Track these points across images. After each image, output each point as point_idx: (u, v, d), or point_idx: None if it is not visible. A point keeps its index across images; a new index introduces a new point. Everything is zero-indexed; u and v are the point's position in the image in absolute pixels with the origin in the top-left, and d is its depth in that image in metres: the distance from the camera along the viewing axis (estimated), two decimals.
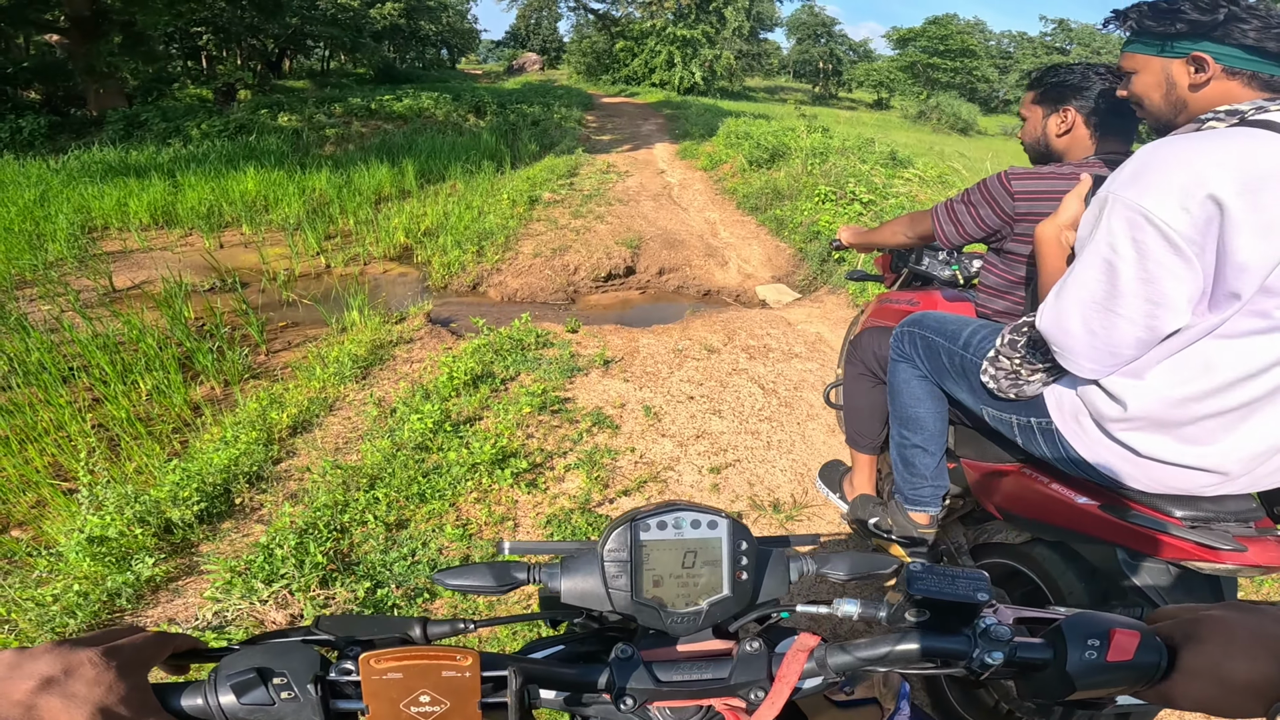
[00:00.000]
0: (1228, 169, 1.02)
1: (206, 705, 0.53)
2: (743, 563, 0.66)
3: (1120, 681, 0.57)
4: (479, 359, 3.64)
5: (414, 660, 0.51)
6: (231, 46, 24.49)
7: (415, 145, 10.92)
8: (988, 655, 0.59)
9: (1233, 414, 1.14)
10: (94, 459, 2.74)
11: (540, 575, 0.68)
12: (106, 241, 6.31)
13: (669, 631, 0.67)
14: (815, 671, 0.64)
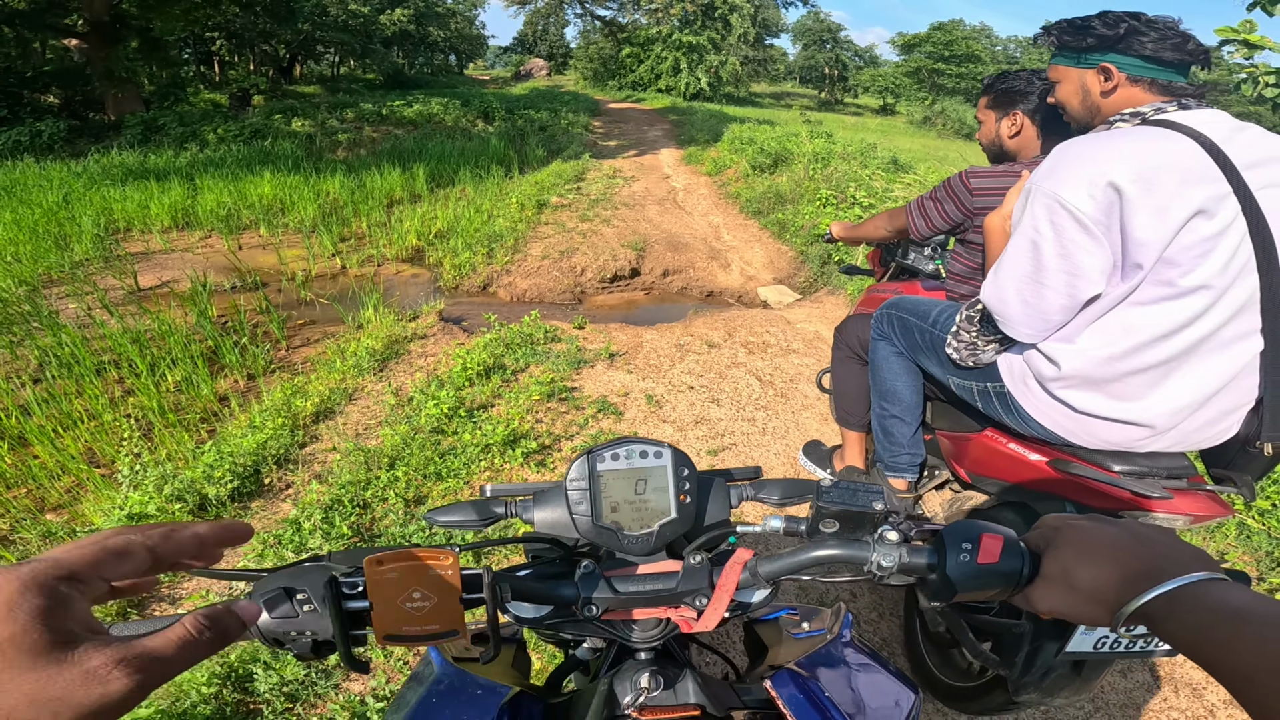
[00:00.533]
0: (1126, 161, 1.22)
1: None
2: (685, 487, 0.78)
3: (993, 584, 0.64)
4: (490, 352, 3.82)
5: (407, 561, 0.60)
6: (244, 52, 24.88)
7: (425, 150, 11.13)
8: (883, 559, 0.67)
9: (1153, 371, 1.31)
10: (131, 443, 2.92)
11: (516, 510, 0.81)
12: (129, 243, 6.52)
13: (626, 552, 0.78)
14: (750, 582, 0.74)
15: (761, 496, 0.84)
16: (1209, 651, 0.48)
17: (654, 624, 0.78)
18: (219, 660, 1.91)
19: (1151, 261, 1.23)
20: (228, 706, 1.79)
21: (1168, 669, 2.30)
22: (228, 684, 1.84)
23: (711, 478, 0.84)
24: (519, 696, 0.73)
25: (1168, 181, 1.20)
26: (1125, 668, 2.29)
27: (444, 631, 0.62)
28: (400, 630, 0.61)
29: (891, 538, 0.69)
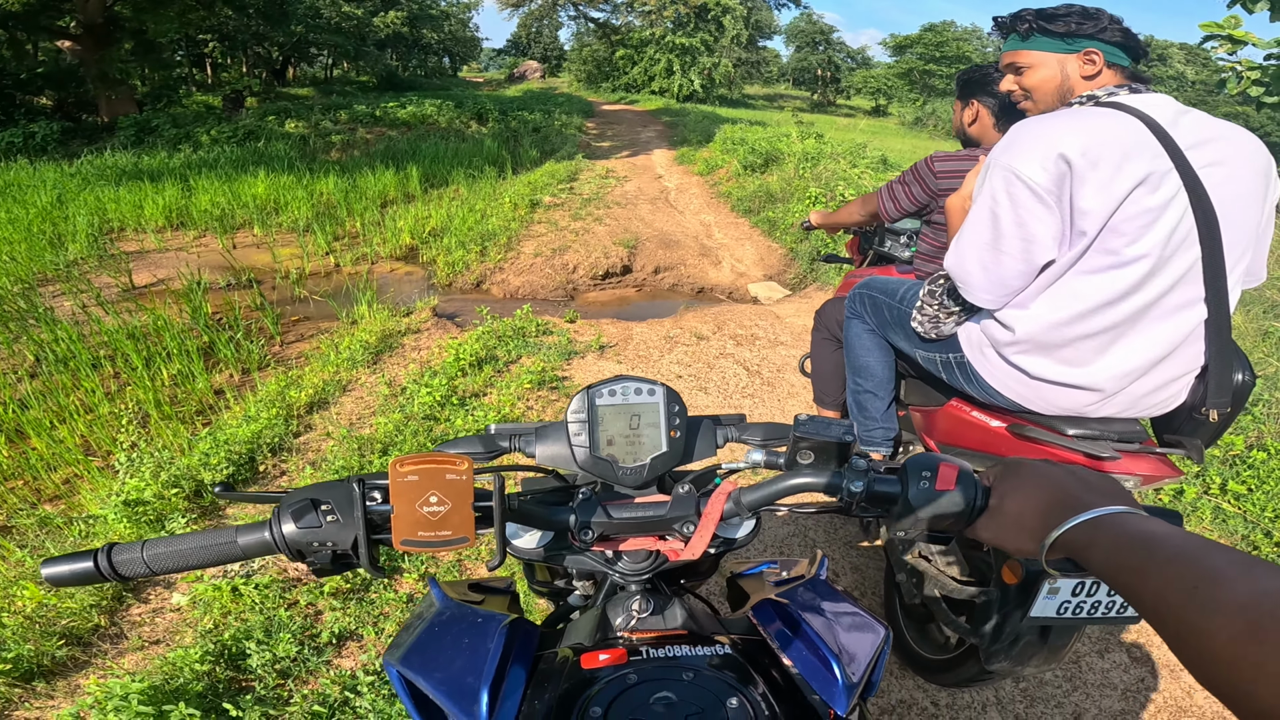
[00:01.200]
0: (1075, 136, 1.31)
1: (269, 538, 0.67)
2: (676, 423, 0.83)
3: (949, 510, 0.70)
4: (483, 344, 3.89)
5: (427, 464, 0.64)
6: (237, 54, 24.88)
7: (419, 151, 11.18)
8: (852, 485, 0.73)
9: (1100, 337, 1.40)
10: (129, 434, 2.98)
11: (519, 444, 0.86)
12: (124, 242, 6.56)
13: (621, 483, 0.83)
14: (734, 511, 0.79)
15: (745, 438, 0.90)
16: (1125, 578, 0.51)
17: (644, 556, 0.83)
18: (210, 638, 1.97)
19: (1096, 230, 1.32)
20: (220, 683, 1.84)
21: (1144, 650, 2.37)
22: (220, 661, 1.90)
23: (700, 420, 0.89)
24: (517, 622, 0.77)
25: (1112, 156, 1.29)
26: (1102, 648, 2.36)
27: (456, 538, 0.66)
28: (416, 535, 0.65)
29: (860, 465, 0.75)
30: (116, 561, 0.67)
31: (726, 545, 0.87)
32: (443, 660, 0.69)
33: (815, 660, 0.71)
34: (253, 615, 2.07)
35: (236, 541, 0.68)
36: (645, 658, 0.70)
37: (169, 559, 0.68)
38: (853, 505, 0.76)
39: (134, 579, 0.69)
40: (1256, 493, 2.97)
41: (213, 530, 0.69)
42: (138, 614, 2.17)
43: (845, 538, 2.78)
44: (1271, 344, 4.13)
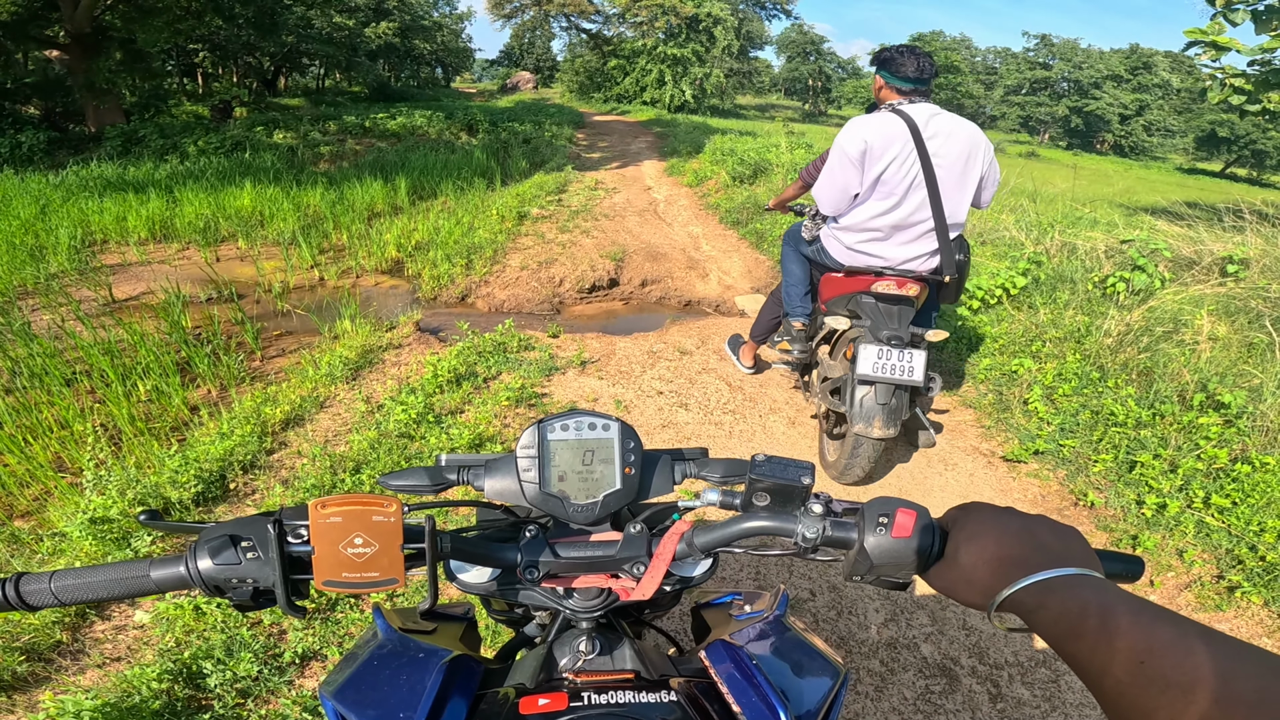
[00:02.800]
0: (869, 129, 2.60)
1: (185, 572, 0.65)
2: (630, 459, 0.80)
3: (905, 558, 0.68)
4: (463, 359, 3.85)
5: (350, 505, 0.62)
6: (227, 64, 24.87)
7: (408, 162, 11.15)
8: (808, 530, 0.71)
9: (879, 233, 2.76)
10: (98, 450, 2.92)
11: (468, 477, 0.83)
12: (106, 255, 6.50)
13: (571, 520, 0.80)
14: (686, 552, 0.77)
15: (704, 474, 0.87)
16: (1070, 647, 0.50)
17: (595, 594, 0.80)
18: (170, 656, 1.93)
19: (874, 180, 2.65)
20: (178, 702, 1.80)
21: None
22: (178, 680, 1.85)
23: (658, 455, 0.86)
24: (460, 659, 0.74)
25: (884, 142, 2.58)
26: None
27: (383, 580, 0.63)
28: (340, 576, 0.62)
29: (816, 510, 0.72)
30: (24, 592, 0.65)
31: (683, 583, 0.85)
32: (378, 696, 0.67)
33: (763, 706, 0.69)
34: (215, 634, 2.03)
35: (149, 575, 0.66)
36: (586, 704, 0.67)
37: (78, 591, 0.65)
38: (807, 550, 0.73)
39: (42, 608, 0.66)
40: (1241, 506, 2.95)
41: (125, 563, 0.66)
42: (100, 631, 2.12)
43: None
44: (1256, 356, 4.13)
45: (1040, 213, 7.12)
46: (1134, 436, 3.39)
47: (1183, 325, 4.29)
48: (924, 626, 2.45)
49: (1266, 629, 2.48)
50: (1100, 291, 4.87)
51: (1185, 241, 5.85)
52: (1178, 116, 39.41)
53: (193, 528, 0.69)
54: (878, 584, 0.73)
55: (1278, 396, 3.47)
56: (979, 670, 2.29)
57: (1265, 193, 22.11)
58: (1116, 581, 0.71)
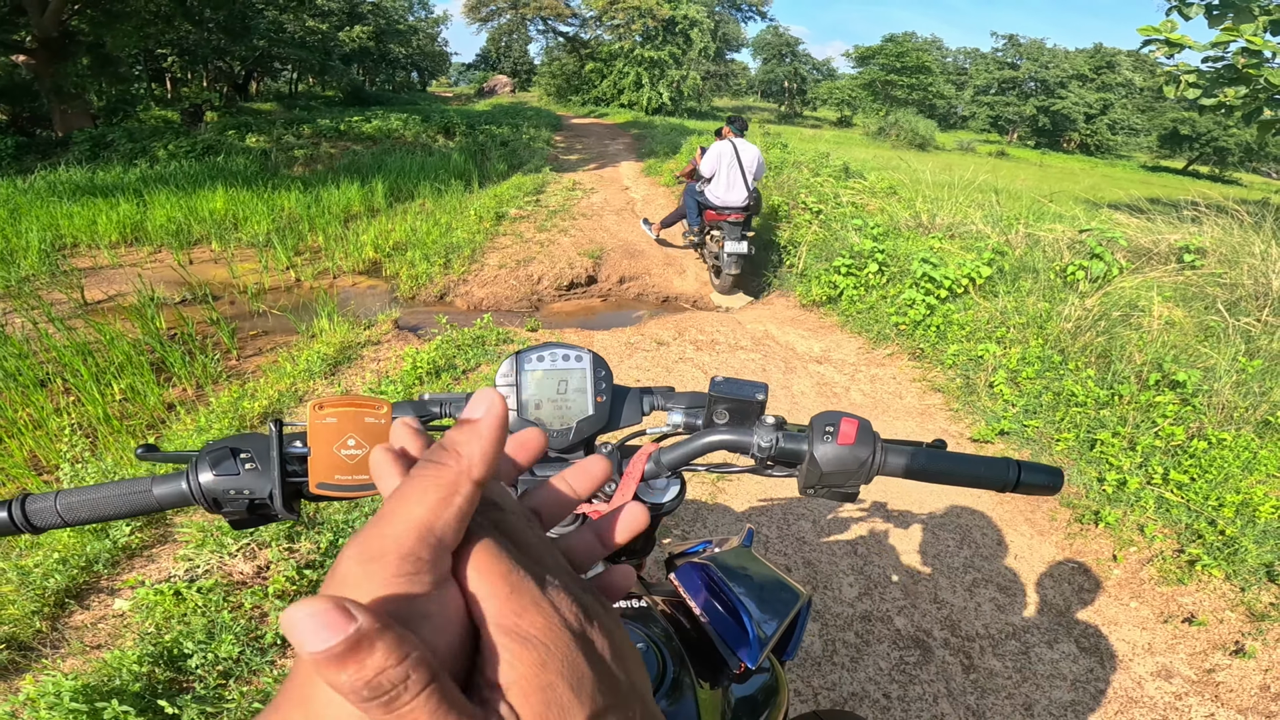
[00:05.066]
0: (723, 149, 6.41)
1: (186, 487, 0.68)
2: (602, 388, 0.85)
3: (853, 463, 0.74)
4: (441, 353, 3.88)
5: (345, 406, 0.66)
6: (197, 69, 24.54)
7: (384, 165, 11.11)
8: (762, 440, 0.77)
9: (722, 186, 6.42)
10: (74, 447, 2.92)
11: (450, 409, 0.87)
12: (77, 258, 6.42)
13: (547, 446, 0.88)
14: (655, 471, 0.82)
15: (669, 405, 0.92)
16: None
17: (569, 520, 0.84)
18: (151, 640, 1.94)
19: (716, 169, 6.39)
20: (159, 683, 1.82)
21: (1093, 640, 2.43)
22: (160, 662, 1.88)
23: (628, 389, 0.91)
24: None
25: (723, 156, 6.37)
26: (1051, 638, 2.41)
27: (371, 483, 0.66)
28: (333, 479, 0.65)
29: (769, 421, 0.78)
30: (30, 511, 0.67)
31: (653, 510, 0.88)
32: None
33: (728, 618, 0.73)
34: (195, 618, 2.05)
35: (152, 491, 0.69)
36: None
37: (83, 508, 0.68)
38: (763, 461, 0.79)
39: (47, 529, 0.69)
40: (1199, 481, 3.07)
41: (129, 481, 0.70)
42: (80, 620, 2.13)
43: (798, 533, 2.82)
44: (1212, 338, 4.28)
45: (1006, 207, 7.30)
46: (1094, 416, 3.51)
47: (1139, 311, 4.44)
48: (897, 600, 2.53)
49: (1228, 602, 2.58)
50: (1061, 280, 5.02)
51: (1143, 232, 6.04)
52: (1141, 115, 40.30)
53: (191, 455, 0.72)
54: (830, 495, 0.79)
55: (1231, 375, 3.62)
56: (951, 642, 2.37)
57: (1227, 189, 22.69)
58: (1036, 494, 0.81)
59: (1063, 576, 2.73)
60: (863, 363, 4.56)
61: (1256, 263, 4.98)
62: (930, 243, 5.84)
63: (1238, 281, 4.88)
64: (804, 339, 4.93)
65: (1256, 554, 2.67)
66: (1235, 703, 2.20)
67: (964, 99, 45.48)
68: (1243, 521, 2.82)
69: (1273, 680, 2.27)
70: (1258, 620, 2.49)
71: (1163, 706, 2.18)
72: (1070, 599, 2.62)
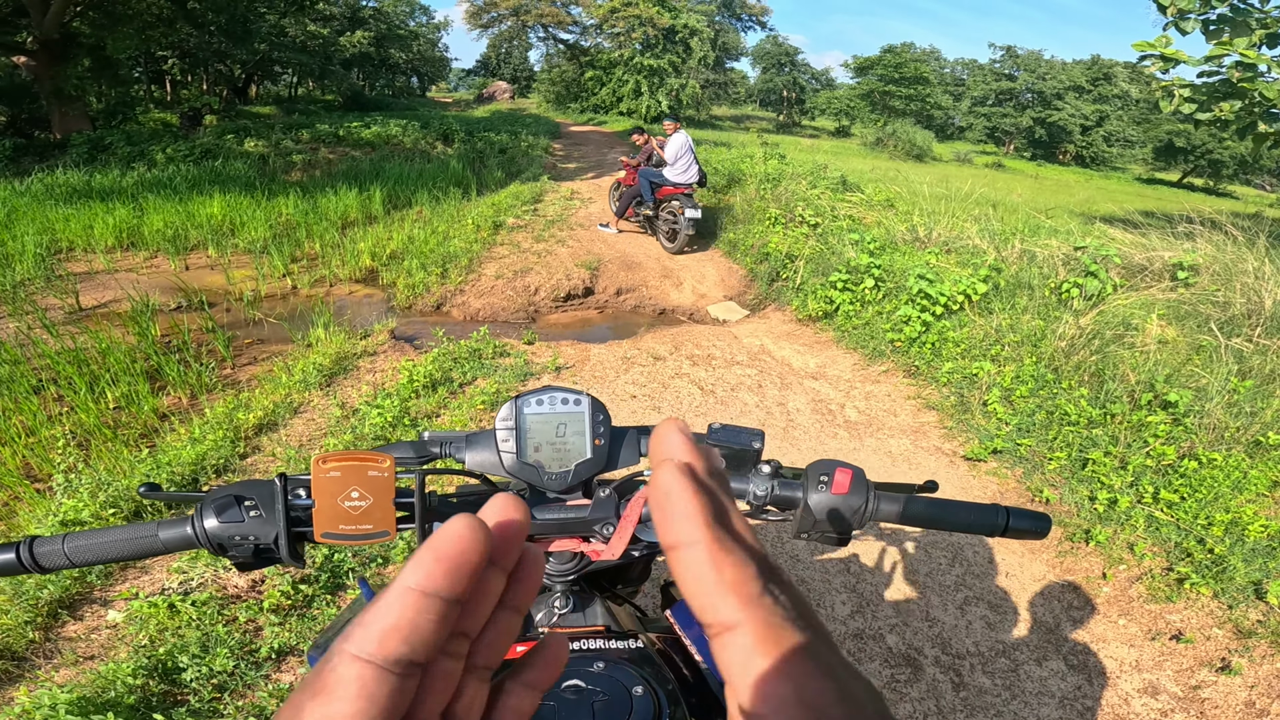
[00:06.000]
0: (680, 138, 7.96)
1: (191, 532, 0.69)
2: (600, 431, 0.86)
3: (846, 511, 0.76)
4: (438, 365, 3.89)
5: (349, 461, 0.68)
6: (197, 72, 24.56)
7: (383, 172, 11.13)
8: (758, 489, 0.79)
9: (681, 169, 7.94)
10: (68, 455, 2.91)
11: (449, 450, 0.88)
12: (72, 263, 6.41)
13: (546, 489, 0.86)
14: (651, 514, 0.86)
15: None
16: None
17: (569, 558, 0.87)
18: (145, 653, 1.94)
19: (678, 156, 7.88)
20: (153, 696, 1.82)
21: (1081, 658, 2.44)
22: (154, 675, 1.87)
23: (626, 429, 0.92)
24: None
25: (681, 145, 7.88)
26: (1040, 656, 2.43)
27: (376, 532, 0.69)
28: (338, 528, 0.68)
29: (765, 470, 0.80)
30: (38, 554, 0.69)
31: (650, 548, 0.91)
32: None
33: None
34: (189, 631, 2.05)
35: (158, 535, 0.70)
36: None
37: (89, 551, 0.69)
38: (759, 509, 0.81)
39: (54, 570, 0.70)
40: (1189, 501, 3.09)
41: (134, 525, 0.71)
42: (73, 630, 2.13)
43: (792, 551, 2.83)
44: (1204, 357, 4.31)
45: (1002, 221, 7.35)
46: (1086, 435, 3.53)
47: (1133, 329, 4.47)
48: (889, 618, 2.54)
49: (1216, 619, 2.59)
50: (1056, 297, 5.05)
51: (1137, 248, 6.08)
52: (1136, 127, 40.56)
53: (192, 496, 0.74)
54: (823, 540, 0.82)
55: (1223, 395, 3.64)
56: (942, 660, 2.38)
57: (1221, 202, 22.87)
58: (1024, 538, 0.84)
59: (1053, 594, 2.74)
60: (858, 379, 4.58)
61: (1250, 281, 5.02)
62: (927, 257, 5.87)
63: (1231, 300, 4.91)
64: (800, 354, 4.95)
65: (1245, 572, 2.69)
66: (1221, 719, 2.21)
67: (961, 110, 45.74)
68: (1231, 540, 2.84)
69: (1258, 697, 2.28)
70: (1245, 637, 2.50)
71: None
72: (1060, 617, 2.63)
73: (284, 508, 0.68)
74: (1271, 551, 2.80)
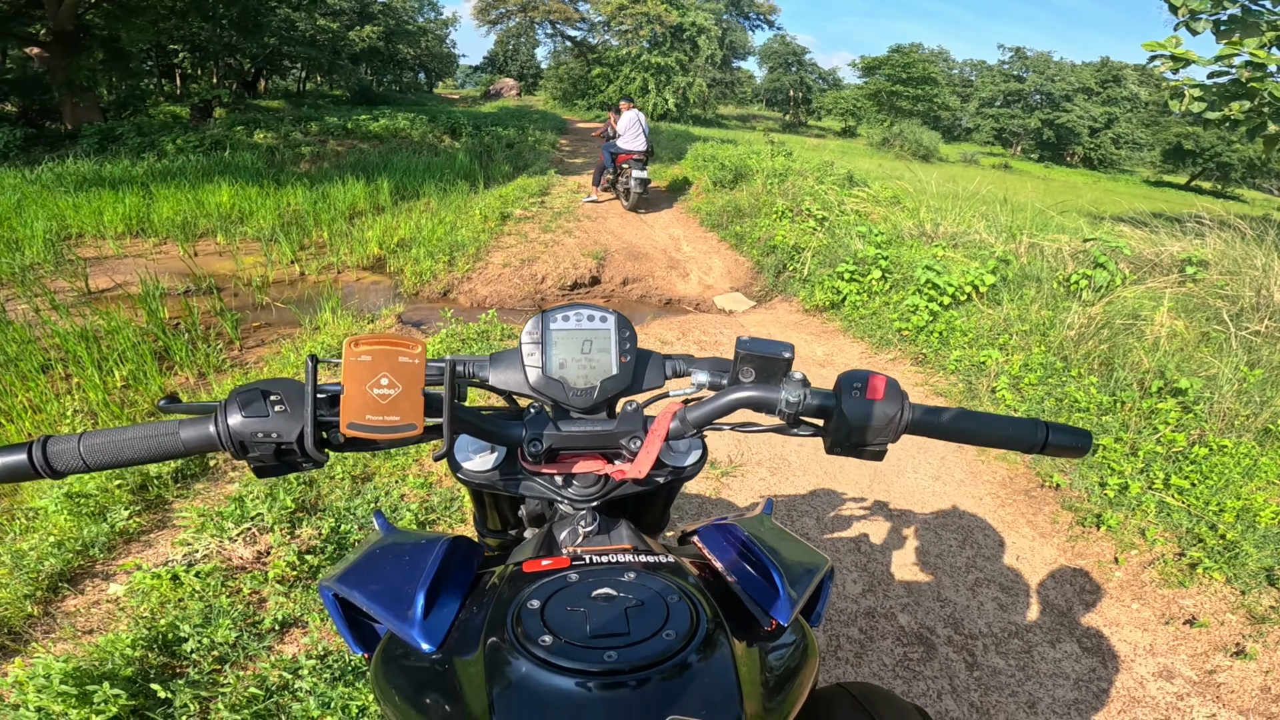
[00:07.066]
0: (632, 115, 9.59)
1: (213, 430, 0.66)
2: (626, 348, 0.84)
3: (882, 419, 0.74)
4: (446, 346, 3.89)
5: (381, 344, 0.65)
6: (207, 65, 24.64)
7: (390, 164, 11.14)
8: (790, 395, 0.76)
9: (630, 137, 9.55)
10: (74, 428, 2.92)
11: (474, 369, 0.86)
12: (82, 248, 6.43)
13: (571, 406, 0.84)
14: (680, 430, 0.80)
15: (691, 369, 0.91)
16: None
17: (593, 480, 0.84)
18: (145, 625, 1.93)
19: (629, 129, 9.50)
20: (152, 668, 1.81)
21: (1095, 640, 2.42)
22: (154, 647, 1.86)
23: (651, 352, 0.90)
24: (461, 539, 0.76)
25: (631, 120, 9.52)
26: (1054, 638, 2.41)
27: (403, 424, 0.65)
28: (365, 419, 0.64)
29: (797, 378, 0.77)
30: (51, 454, 0.66)
31: (675, 474, 0.89)
32: (380, 576, 0.69)
33: (758, 576, 0.72)
34: (192, 603, 2.04)
35: (179, 435, 0.67)
36: (588, 563, 0.70)
37: (106, 451, 0.66)
38: (792, 418, 0.78)
39: (68, 474, 0.67)
40: (1199, 487, 3.07)
41: (155, 424, 0.68)
42: (73, 604, 2.13)
43: (802, 530, 2.82)
44: (1214, 347, 4.29)
45: (1010, 218, 7.32)
46: (1096, 421, 3.51)
47: (1142, 320, 4.45)
48: (900, 597, 2.52)
49: (1229, 605, 2.57)
50: (1065, 289, 5.03)
51: (1146, 244, 6.05)
52: (1145, 129, 40.34)
53: (214, 406, 0.70)
54: (858, 454, 0.79)
55: (1233, 384, 3.62)
56: (955, 640, 2.36)
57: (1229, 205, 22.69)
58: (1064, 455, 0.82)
59: (1065, 578, 2.72)
60: (865, 366, 4.56)
61: (1258, 275, 4.99)
62: (934, 251, 5.84)
63: (1239, 293, 4.88)
64: (807, 343, 4.94)
65: (1257, 558, 2.66)
66: (1236, 703, 2.19)
67: (969, 111, 45.57)
68: (1243, 526, 2.82)
69: (1273, 682, 2.26)
70: (1258, 623, 2.48)
71: (1165, 706, 2.17)
72: (1072, 600, 2.61)
73: (312, 389, 0.64)
74: None
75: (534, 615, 0.60)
